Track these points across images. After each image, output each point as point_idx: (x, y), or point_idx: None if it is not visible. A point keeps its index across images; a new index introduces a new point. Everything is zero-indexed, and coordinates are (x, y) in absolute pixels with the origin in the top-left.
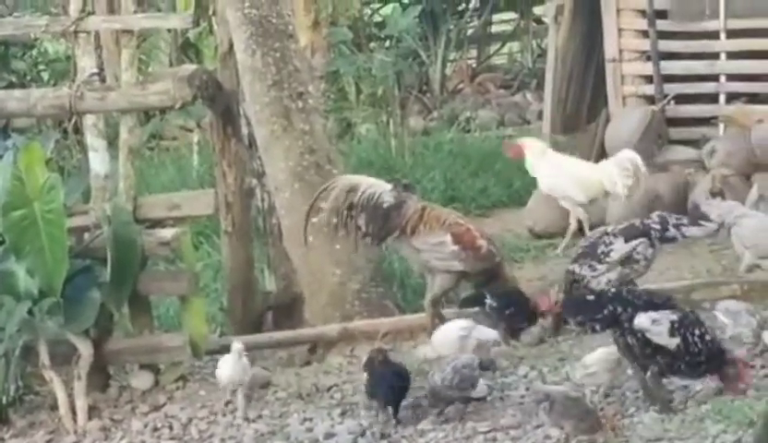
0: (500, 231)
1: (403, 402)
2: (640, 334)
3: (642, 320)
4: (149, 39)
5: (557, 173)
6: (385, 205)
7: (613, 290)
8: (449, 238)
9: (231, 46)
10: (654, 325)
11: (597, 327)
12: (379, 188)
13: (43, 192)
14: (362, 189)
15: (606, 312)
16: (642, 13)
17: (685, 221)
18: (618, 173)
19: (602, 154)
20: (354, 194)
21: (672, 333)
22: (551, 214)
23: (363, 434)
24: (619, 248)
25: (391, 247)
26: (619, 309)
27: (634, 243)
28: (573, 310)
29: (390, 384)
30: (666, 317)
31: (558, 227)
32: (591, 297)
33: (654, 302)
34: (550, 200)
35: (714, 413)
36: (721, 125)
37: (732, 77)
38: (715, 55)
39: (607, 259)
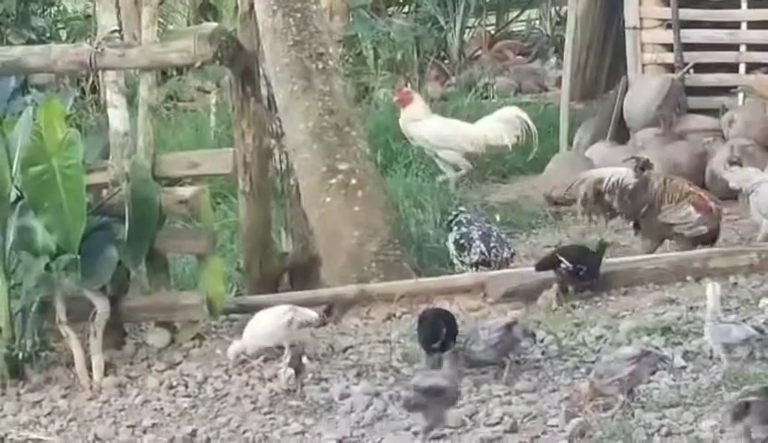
0: (517, 197)
1: None
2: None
3: None
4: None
5: (445, 126)
6: (630, 186)
7: None
8: (692, 208)
9: (251, 6)
10: None
11: None
12: (621, 173)
13: (62, 148)
14: (607, 178)
15: None
16: None
17: None
18: (503, 127)
19: (620, 122)
20: (600, 184)
21: None
22: (568, 181)
23: (378, 395)
24: None
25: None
26: None
27: None
28: None
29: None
30: None
31: (575, 194)
32: None
33: None
34: (567, 167)
35: (729, 380)
36: (740, 95)
37: (753, 47)
38: (736, 24)
39: None
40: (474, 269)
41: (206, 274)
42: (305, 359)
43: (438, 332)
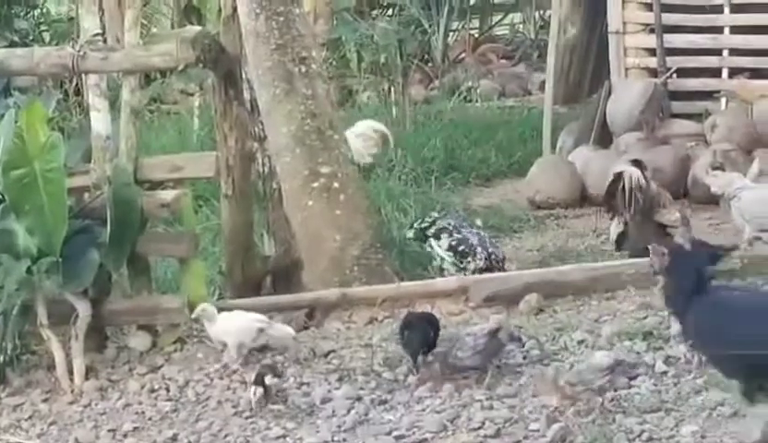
0: (500, 201)
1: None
2: None
3: None
4: (151, 2)
5: None
6: (643, 185)
7: None
8: (678, 215)
9: (234, 9)
10: None
11: None
12: (637, 172)
13: (44, 151)
14: (635, 175)
15: None
16: None
17: None
18: (361, 144)
19: (603, 126)
20: (630, 180)
21: None
22: (551, 185)
23: (360, 399)
24: None
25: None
26: None
27: None
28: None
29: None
30: None
31: (558, 198)
32: None
33: None
34: (550, 171)
35: (711, 385)
36: (723, 100)
37: (735, 52)
38: (719, 29)
39: None
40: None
41: (188, 277)
42: (268, 379)
43: (426, 338)
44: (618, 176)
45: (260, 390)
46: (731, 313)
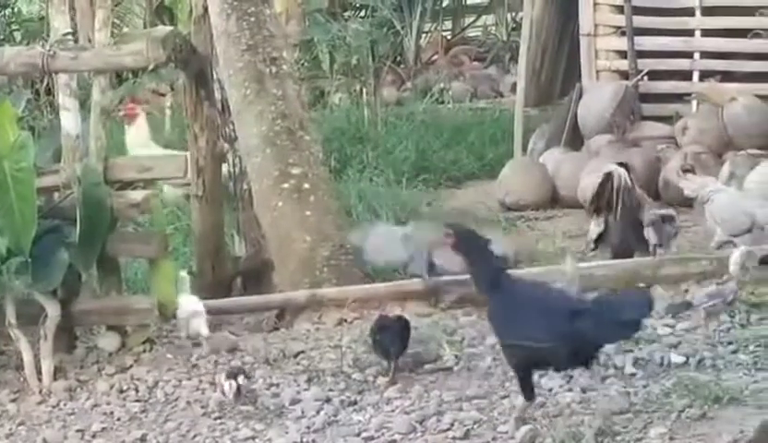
0: (471, 203)
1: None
2: None
3: None
4: (122, 2)
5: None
6: (630, 185)
7: None
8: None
9: (205, 9)
10: None
11: None
12: (625, 173)
13: (14, 150)
14: (621, 175)
15: None
16: None
17: None
18: None
19: (574, 128)
20: (619, 180)
21: None
22: (522, 187)
23: (329, 400)
24: None
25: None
26: None
27: None
28: None
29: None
30: None
31: (529, 200)
32: None
33: None
34: (522, 173)
35: (679, 387)
36: (694, 103)
37: (706, 55)
38: (690, 32)
39: None
40: None
41: (157, 278)
42: (241, 379)
43: (405, 342)
44: (608, 177)
45: (234, 384)
46: (515, 306)
